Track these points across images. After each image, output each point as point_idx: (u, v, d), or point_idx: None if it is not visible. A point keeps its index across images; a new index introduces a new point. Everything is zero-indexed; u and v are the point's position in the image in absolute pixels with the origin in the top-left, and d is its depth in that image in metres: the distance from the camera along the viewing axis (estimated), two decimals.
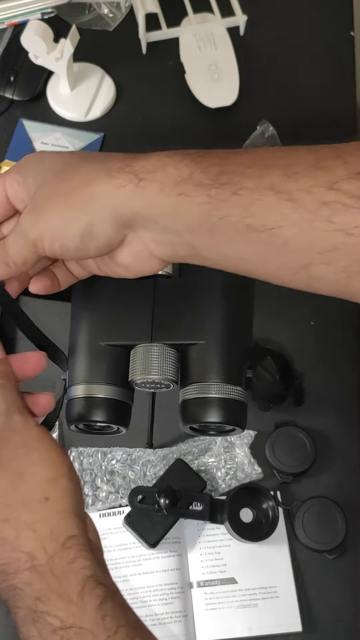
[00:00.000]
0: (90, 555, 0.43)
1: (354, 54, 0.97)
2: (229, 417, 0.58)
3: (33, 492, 0.44)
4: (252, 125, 0.85)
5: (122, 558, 0.72)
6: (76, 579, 0.42)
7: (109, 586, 0.43)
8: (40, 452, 0.45)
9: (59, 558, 0.42)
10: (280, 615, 0.70)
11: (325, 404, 0.78)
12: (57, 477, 0.44)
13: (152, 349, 0.57)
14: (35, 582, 0.42)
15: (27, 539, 0.42)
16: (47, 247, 0.46)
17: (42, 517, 0.43)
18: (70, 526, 0.43)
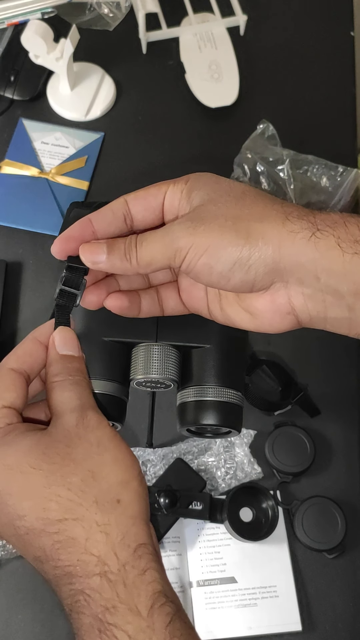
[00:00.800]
0: (160, 567, 0.41)
1: (354, 54, 0.97)
2: (226, 420, 0.58)
3: (106, 492, 0.42)
4: (252, 125, 0.85)
5: None
6: (146, 592, 0.40)
7: (176, 603, 0.41)
8: (113, 452, 0.43)
9: (130, 567, 0.40)
10: (279, 615, 0.70)
11: (325, 404, 0.78)
12: (129, 480, 0.43)
13: (154, 348, 0.57)
14: (105, 591, 0.39)
15: (99, 542, 0.40)
16: (188, 259, 0.44)
17: (114, 519, 0.41)
18: (141, 533, 0.42)
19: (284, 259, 0.43)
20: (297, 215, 0.43)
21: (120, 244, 0.46)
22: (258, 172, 0.83)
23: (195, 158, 0.89)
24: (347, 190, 0.82)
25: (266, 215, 0.43)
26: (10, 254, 0.83)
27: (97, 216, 0.47)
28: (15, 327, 0.80)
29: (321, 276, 0.43)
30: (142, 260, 0.46)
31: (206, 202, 0.45)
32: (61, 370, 0.46)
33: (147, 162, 0.89)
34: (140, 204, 0.47)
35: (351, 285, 0.42)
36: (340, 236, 0.42)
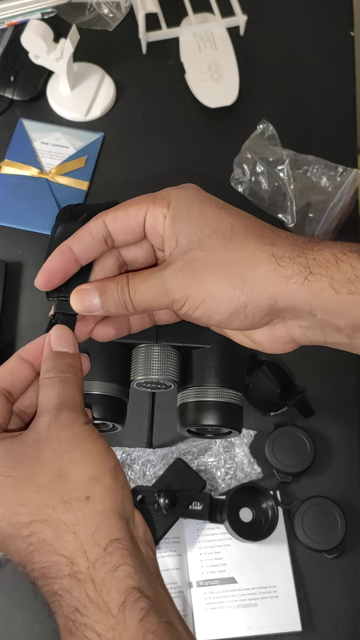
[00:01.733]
0: (136, 562, 0.40)
1: (354, 54, 0.97)
2: (226, 420, 0.58)
3: (74, 490, 0.41)
4: (252, 125, 0.85)
5: None
6: (118, 589, 0.38)
7: (156, 598, 0.40)
8: (84, 449, 0.42)
9: (100, 564, 0.39)
10: (279, 615, 0.70)
11: (325, 404, 0.78)
12: (99, 476, 0.42)
13: (154, 349, 0.57)
14: (74, 590, 0.39)
15: (67, 541, 0.40)
16: (185, 309, 0.45)
17: (83, 517, 0.40)
18: (113, 528, 0.40)
19: (279, 302, 0.43)
20: (288, 257, 0.43)
21: (112, 290, 0.46)
22: (258, 172, 0.83)
23: (195, 158, 0.89)
24: (347, 190, 0.82)
25: (258, 261, 0.43)
26: (10, 254, 0.83)
27: (76, 242, 0.46)
28: (15, 327, 0.80)
29: (317, 313, 0.43)
30: (139, 307, 0.46)
31: (195, 245, 0.44)
32: (52, 367, 0.45)
33: (147, 162, 0.89)
34: (119, 226, 0.46)
35: (348, 320, 0.43)
36: (333, 276, 0.42)
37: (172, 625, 0.40)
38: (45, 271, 0.47)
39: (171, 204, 0.46)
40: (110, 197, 0.71)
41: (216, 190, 0.87)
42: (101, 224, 0.46)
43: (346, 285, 0.42)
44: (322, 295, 0.42)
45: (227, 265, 0.44)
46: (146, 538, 0.43)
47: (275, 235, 0.45)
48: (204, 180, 0.87)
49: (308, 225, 0.83)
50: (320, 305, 0.43)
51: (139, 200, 0.47)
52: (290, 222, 0.83)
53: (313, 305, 0.43)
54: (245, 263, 0.43)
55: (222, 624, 0.70)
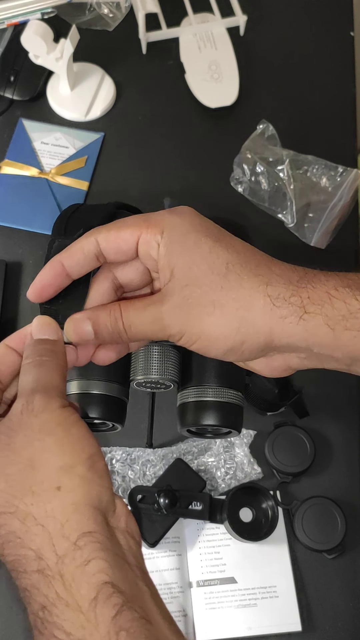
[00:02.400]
0: (110, 555, 0.38)
1: (354, 54, 0.97)
2: (226, 420, 0.58)
3: (43, 481, 0.39)
4: (252, 125, 0.85)
5: None
6: (89, 585, 0.36)
7: (132, 593, 0.38)
8: (57, 436, 0.40)
9: (69, 559, 0.37)
10: (279, 615, 0.70)
11: (325, 404, 0.78)
12: (72, 465, 0.40)
13: (154, 349, 0.57)
14: (42, 587, 0.37)
15: (36, 534, 0.38)
16: (182, 343, 0.46)
17: (52, 509, 0.38)
18: (84, 521, 0.38)
19: (275, 341, 0.44)
20: (283, 298, 0.44)
21: (105, 321, 0.46)
22: (258, 172, 0.83)
23: (195, 158, 0.89)
24: (347, 190, 0.82)
25: (253, 302, 0.44)
26: (10, 254, 0.83)
27: (68, 258, 0.47)
28: (15, 327, 0.80)
29: (313, 348, 0.44)
30: (133, 337, 0.47)
31: (191, 282, 0.45)
32: (31, 353, 0.45)
33: (147, 162, 0.89)
34: (111, 247, 0.47)
35: (345, 353, 0.44)
36: (327, 314, 0.43)
37: (150, 622, 0.37)
38: (37, 285, 0.47)
39: (165, 232, 0.45)
40: (111, 198, 0.71)
41: (216, 190, 0.88)
42: (93, 242, 0.47)
43: (341, 322, 0.43)
44: (318, 332, 0.43)
45: (223, 305, 0.44)
46: (128, 528, 0.41)
47: (270, 273, 0.45)
48: (204, 180, 0.88)
49: (308, 225, 0.83)
50: (317, 342, 0.44)
51: (132, 222, 0.47)
52: (290, 222, 0.83)
53: (310, 343, 0.44)
54: (241, 304, 0.44)
55: (222, 624, 0.70)
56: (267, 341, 0.44)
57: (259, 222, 0.85)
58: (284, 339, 0.44)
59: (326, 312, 0.43)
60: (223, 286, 0.44)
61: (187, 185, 0.87)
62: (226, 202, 0.86)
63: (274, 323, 0.44)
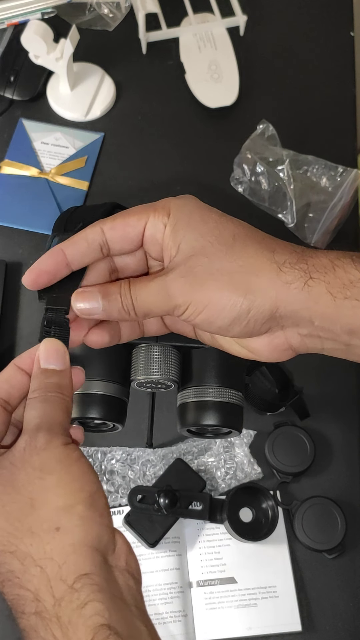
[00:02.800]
0: (107, 597, 0.37)
1: (354, 54, 0.97)
2: (226, 420, 0.58)
3: (43, 521, 0.39)
4: (252, 125, 0.85)
5: None
6: (85, 627, 0.36)
7: (130, 634, 0.37)
8: (58, 475, 0.40)
9: (66, 602, 0.37)
10: (279, 615, 0.70)
11: (325, 404, 0.78)
12: (72, 505, 0.39)
13: (154, 349, 0.57)
14: (40, 630, 0.37)
15: (33, 576, 0.38)
16: (187, 314, 0.45)
17: (50, 550, 0.38)
18: (82, 562, 0.38)
19: (280, 308, 0.44)
20: (289, 264, 0.44)
21: (115, 294, 0.46)
22: (258, 172, 0.83)
23: (195, 158, 0.89)
24: (347, 190, 0.82)
25: (261, 268, 0.44)
26: (10, 254, 0.83)
27: (70, 246, 0.46)
28: (15, 327, 0.80)
29: (315, 320, 0.44)
30: (140, 312, 0.46)
31: (197, 251, 0.45)
32: (38, 387, 0.44)
33: (147, 162, 0.89)
34: (117, 234, 0.46)
35: (344, 326, 0.44)
36: (330, 281, 0.43)
37: None
38: (34, 271, 0.46)
39: (171, 213, 0.46)
40: (111, 197, 0.71)
41: (216, 190, 0.88)
42: (99, 231, 0.46)
43: (342, 290, 0.43)
44: (321, 300, 0.43)
45: (230, 272, 0.44)
46: (128, 567, 0.41)
47: (276, 243, 0.45)
48: (204, 180, 0.88)
49: (308, 225, 0.83)
50: (319, 311, 0.44)
51: (139, 210, 0.46)
52: (290, 222, 0.83)
53: (312, 312, 0.44)
54: (248, 270, 0.44)
55: (222, 624, 0.70)
56: (272, 309, 0.44)
57: (259, 222, 0.83)
58: (289, 305, 0.44)
59: (329, 279, 0.43)
60: (229, 254, 0.44)
61: (187, 185, 0.87)
62: (226, 202, 0.86)
63: (279, 288, 0.43)
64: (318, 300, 0.43)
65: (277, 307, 0.44)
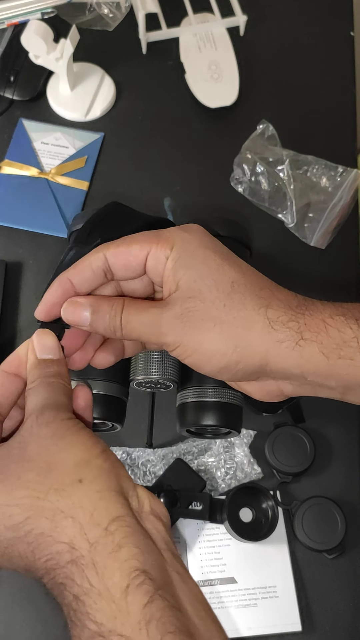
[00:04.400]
0: (140, 540, 0.38)
1: (354, 54, 0.97)
2: (226, 421, 0.58)
3: (65, 476, 0.40)
4: (252, 125, 0.85)
5: None
6: (121, 572, 0.36)
7: (163, 579, 0.38)
8: (69, 438, 0.42)
9: (101, 546, 0.37)
10: (279, 615, 0.70)
11: (325, 404, 0.77)
12: (89, 459, 0.41)
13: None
14: (76, 577, 0.37)
15: (65, 527, 0.38)
16: (176, 354, 0.46)
17: (78, 500, 0.39)
18: (112, 506, 0.39)
19: (270, 364, 0.45)
20: (282, 322, 0.44)
21: (105, 312, 0.47)
22: (258, 172, 0.83)
23: (195, 158, 0.89)
24: (347, 190, 0.82)
25: (253, 323, 0.45)
26: (10, 254, 0.83)
27: (76, 275, 0.47)
28: (15, 328, 0.80)
29: (307, 376, 0.45)
30: (127, 335, 0.47)
31: (194, 294, 0.45)
32: (38, 376, 0.45)
33: (147, 162, 0.89)
34: (120, 262, 0.47)
35: (339, 381, 0.45)
36: (322, 342, 0.44)
37: (180, 610, 0.37)
38: (47, 304, 0.47)
39: (174, 247, 0.46)
40: (111, 197, 0.71)
41: (216, 190, 0.88)
42: (102, 257, 0.47)
43: (335, 350, 0.44)
44: (313, 359, 0.44)
45: (224, 322, 0.45)
46: (154, 511, 0.41)
47: (272, 296, 0.46)
48: (204, 180, 0.88)
49: (308, 225, 0.83)
50: (311, 369, 0.45)
51: (142, 238, 0.47)
52: (290, 222, 0.83)
53: (304, 370, 0.45)
54: (241, 323, 0.45)
55: (222, 623, 0.70)
56: (261, 363, 0.45)
57: (259, 222, 0.85)
58: (279, 363, 0.45)
59: (321, 339, 0.44)
60: (226, 304, 0.45)
61: (187, 185, 0.87)
62: (226, 202, 0.86)
63: (270, 345, 0.44)
64: (310, 359, 0.44)
65: (267, 362, 0.45)
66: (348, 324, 0.44)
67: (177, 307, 0.45)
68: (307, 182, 0.83)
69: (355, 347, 0.43)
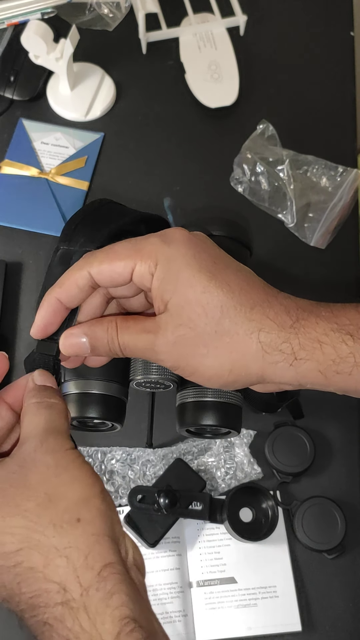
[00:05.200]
0: (129, 588, 0.38)
1: (354, 54, 0.97)
2: (225, 420, 0.58)
3: (63, 513, 0.39)
4: (252, 125, 0.85)
5: None
6: (112, 619, 0.37)
7: (149, 628, 0.38)
8: (71, 472, 0.41)
9: (94, 591, 0.37)
10: (279, 615, 0.70)
11: (325, 404, 0.78)
12: (89, 498, 0.41)
13: None
14: (66, 620, 0.37)
15: (59, 566, 0.38)
16: (177, 373, 0.48)
17: (74, 540, 0.39)
18: (106, 552, 0.39)
19: (267, 379, 0.46)
20: (275, 345, 0.45)
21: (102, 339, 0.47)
22: (258, 172, 0.83)
23: (195, 158, 0.89)
24: (347, 190, 0.82)
25: (246, 348, 0.45)
26: (10, 254, 0.83)
27: (64, 294, 0.47)
28: (15, 327, 0.80)
29: (306, 385, 0.47)
30: (129, 355, 0.48)
31: (184, 321, 0.45)
32: (36, 394, 0.45)
33: (147, 162, 0.89)
34: (105, 279, 0.47)
35: (337, 389, 0.46)
36: (318, 360, 0.45)
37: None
38: (39, 325, 0.48)
39: (159, 264, 0.45)
40: (111, 197, 0.71)
41: (216, 190, 0.88)
42: (86, 275, 0.46)
43: (331, 367, 0.44)
44: (309, 375, 0.45)
45: (217, 348, 0.45)
46: (136, 562, 0.41)
47: (264, 318, 0.45)
48: (204, 180, 0.88)
49: (308, 225, 0.83)
50: (309, 382, 0.46)
51: (125, 254, 0.46)
52: (290, 222, 0.83)
53: (302, 382, 0.46)
54: (234, 348, 0.45)
55: (222, 624, 0.70)
56: (259, 379, 0.47)
57: (259, 222, 0.85)
58: (276, 378, 0.46)
59: (317, 358, 0.44)
60: (217, 330, 0.45)
61: (187, 185, 0.87)
62: (226, 202, 0.86)
63: (265, 367, 0.45)
64: (306, 375, 0.45)
65: (263, 378, 0.46)
66: (343, 341, 0.44)
67: (169, 333, 0.46)
68: (307, 182, 0.83)
69: (352, 363, 0.44)
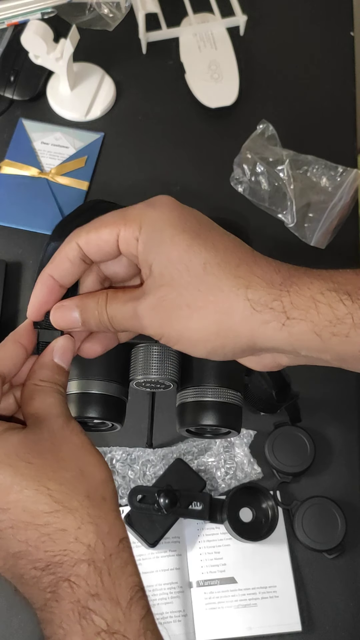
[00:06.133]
0: (134, 562, 0.43)
1: (354, 54, 0.97)
2: (225, 420, 0.58)
3: (95, 489, 0.43)
4: (252, 125, 0.85)
5: None
6: (127, 584, 0.41)
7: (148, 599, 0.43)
8: (94, 455, 0.44)
9: (115, 558, 0.41)
10: (279, 615, 0.70)
11: (325, 404, 0.78)
12: (108, 480, 0.44)
13: (153, 349, 0.57)
14: (91, 577, 0.40)
15: (89, 531, 0.41)
16: (163, 342, 0.46)
17: (103, 513, 0.42)
18: (121, 528, 0.43)
19: (259, 343, 0.43)
20: (264, 303, 0.42)
21: (92, 310, 0.47)
22: (258, 172, 0.83)
23: (195, 158, 0.89)
24: (347, 190, 0.82)
25: (233, 306, 0.42)
26: (10, 254, 0.83)
27: (56, 269, 0.47)
28: (16, 327, 0.80)
29: (301, 351, 0.43)
30: (118, 328, 0.47)
31: (166, 281, 0.43)
32: (50, 378, 0.46)
33: (147, 162, 0.89)
34: (93, 249, 0.46)
35: (334, 355, 0.43)
36: (313, 320, 0.41)
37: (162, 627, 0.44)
38: (35, 305, 0.47)
39: (142, 228, 0.44)
40: (111, 197, 0.71)
41: (216, 190, 0.88)
42: (75, 247, 0.46)
43: (328, 328, 0.41)
44: (304, 337, 0.42)
45: (201, 308, 0.43)
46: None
47: (251, 275, 0.43)
48: (204, 180, 0.88)
49: (308, 225, 0.83)
50: (304, 346, 0.43)
51: (110, 221, 0.45)
52: (290, 222, 0.83)
53: (296, 346, 0.43)
54: (219, 307, 0.43)
55: (222, 624, 0.70)
56: (249, 344, 0.43)
57: (259, 222, 0.85)
58: (268, 342, 0.43)
59: (312, 318, 0.41)
60: (200, 288, 0.43)
61: (187, 185, 0.87)
62: (226, 202, 0.86)
63: (255, 327, 0.42)
64: (300, 337, 0.42)
65: (254, 342, 0.43)
66: (341, 300, 0.41)
67: (151, 296, 0.44)
68: (307, 182, 0.83)
69: (349, 324, 0.41)
